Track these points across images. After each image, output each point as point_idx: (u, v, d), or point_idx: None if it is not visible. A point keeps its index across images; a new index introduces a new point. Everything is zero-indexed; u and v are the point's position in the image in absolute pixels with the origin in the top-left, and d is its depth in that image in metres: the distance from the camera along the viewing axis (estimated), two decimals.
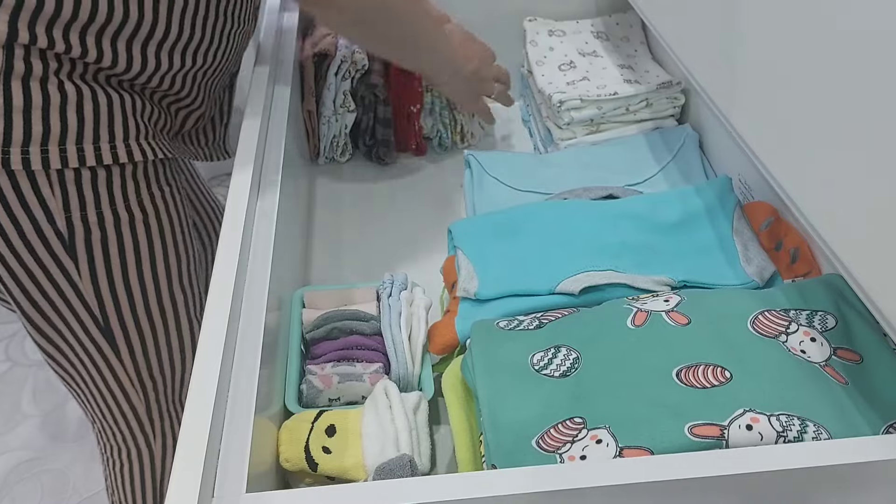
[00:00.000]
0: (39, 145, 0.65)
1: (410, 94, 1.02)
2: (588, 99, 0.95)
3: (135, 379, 0.80)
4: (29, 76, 0.64)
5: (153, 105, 0.75)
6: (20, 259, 0.70)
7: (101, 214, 0.71)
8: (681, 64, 0.74)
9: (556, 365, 0.58)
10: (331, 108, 1.00)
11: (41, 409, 1.59)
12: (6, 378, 1.66)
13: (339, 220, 0.96)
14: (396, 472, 0.54)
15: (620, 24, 1.11)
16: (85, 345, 0.77)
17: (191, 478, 0.44)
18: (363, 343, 0.68)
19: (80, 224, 0.70)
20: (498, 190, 0.91)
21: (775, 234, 0.73)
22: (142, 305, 0.77)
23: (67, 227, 0.70)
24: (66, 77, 0.66)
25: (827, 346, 0.56)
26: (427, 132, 1.06)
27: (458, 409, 0.61)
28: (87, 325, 0.75)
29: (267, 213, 0.69)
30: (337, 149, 1.04)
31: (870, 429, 0.51)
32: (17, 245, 0.69)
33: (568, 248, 0.71)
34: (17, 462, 1.49)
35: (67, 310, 0.74)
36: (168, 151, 0.77)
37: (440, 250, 0.82)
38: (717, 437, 0.49)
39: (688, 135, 0.95)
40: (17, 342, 1.74)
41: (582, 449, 0.51)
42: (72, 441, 1.52)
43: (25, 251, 0.69)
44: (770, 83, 0.56)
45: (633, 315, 0.59)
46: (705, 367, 0.54)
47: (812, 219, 0.52)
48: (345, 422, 0.60)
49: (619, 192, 0.81)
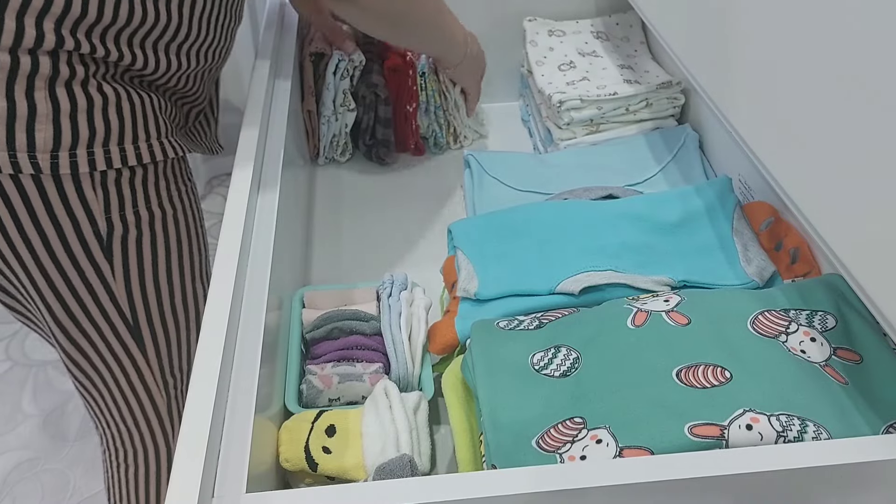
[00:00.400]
0: (86, 147, 0.66)
1: (406, 93, 1.02)
2: (588, 99, 0.95)
3: (158, 377, 0.81)
4: (72, 81, 0.65)
5: (169, 103, 0.77)
6: (58, 262, 0.70)
7: (137, 213, 0.72)
8: (681, 64, 0.74)
9: (556, 365, 0.58)
10: (330, 107, 1.00)
11: (42, 408, 1.59)
12: (7, 378, 1.66)
13: (339, 219, 0.96)
14: (396, 472, 0.54)
15: (620, 25, 1.11)
16: (113, 346, 0.77)
17: (191, 478, 0.44)
18: (363, 343, 0.68)
19: (119, 224, 0.71)
20: (498, 190, 0.91)
21: (775, 235, 0.73)
22: (168, 302, 0.78)
23: (107, 228, 0.71)
24: (102, 79, 0.68)
25: (827, 346, 0.57)
26: (423, 132, 1.06)
27: (458, 409, 0.61)
28: (116, 325, 0.76)
29: (267, 213, 0.69)
30: (337, 148, 1.04)
31: (869, 429, 0.51)
32: (56, 248, 0.69)
33: (568, 248, 0.71)
34: (18, 462, 1.49)
35: (99, 312, 0.74)
36: (186, 147, 0.79)
37: (440, 250, 0.82)
38: (717, 437, 0.49)
39: (688, 135, 0.95)
40: (17, 342, 1.74)
41: (582, 449, 0.51)
42: (72, 441, 1.52)
43: (64, 254, 0.70)
44: (770, 83, 0.56)
45: (633, 315, 0.59)
46: (705, 367, 0.54)
47: (812, 219, 0.52)
48: (345, 422, 0.60)
49: (619, 192, 0.81)
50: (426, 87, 1.02)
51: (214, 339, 0.53)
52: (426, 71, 1.01)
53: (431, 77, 1.02)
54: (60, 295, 0.72)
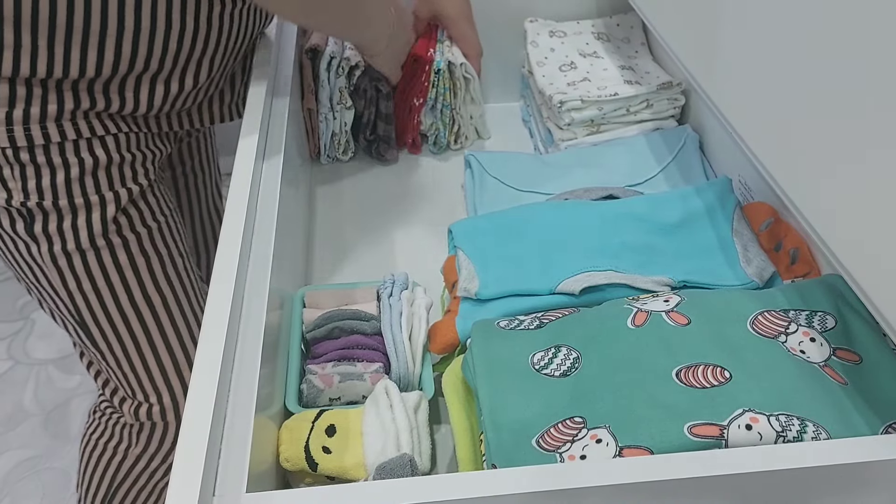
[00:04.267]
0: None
1: (416, 87, 1.01)
2: (589, 100, 0.95)
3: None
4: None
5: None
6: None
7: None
8: (681, 64, 0.74)
9: (556, 364, 0.58)
10: (327, 105, 0.99)
11: (42, 407, 1.59)
12: (8, 377, 1.66)
13: (339, 219, 0.96)
14: (397, 471, 0.54)
15: (621, 25, 1.11)
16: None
17: (191, 477, 0.44)
18: (364, 342, 0.68)
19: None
20: (498, 190, 0.91)
21: (775, 235, 0.73)
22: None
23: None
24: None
25: (826, 346, 0.57)
26: (425, 129, 1.06)
27: (458, 409, 0.61)
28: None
29: (267, 213, 0.69)
30: (338, 147, 1.03)
31: (869, 429, 0.51)
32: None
33: (568, 249, 0.71)
34: (19, 461, 1.49)
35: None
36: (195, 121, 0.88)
37: (440, 250, 0.83)
38: (716, 436, 0.49)
39: (688, 135, 0.95)
40: (18, 341, 1.74)
41: (582, 448, 0.51)
42: (73, 440, 1.52)
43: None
44: (770, 84, 0.57)
45: (633, 315, 0.59)
46: (705, 367, 0.54)
47: (812, 219, 0.52)
48: (345, 421, 0.60)
49: (619, 192, 0.82)
50: (437, 85, 1.02)
51: (215, 339, 0.53)
52: (441, 68, 1.01)
53: (445, 75, 1.01)
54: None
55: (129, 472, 0.90)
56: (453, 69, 1.01)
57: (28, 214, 0.74)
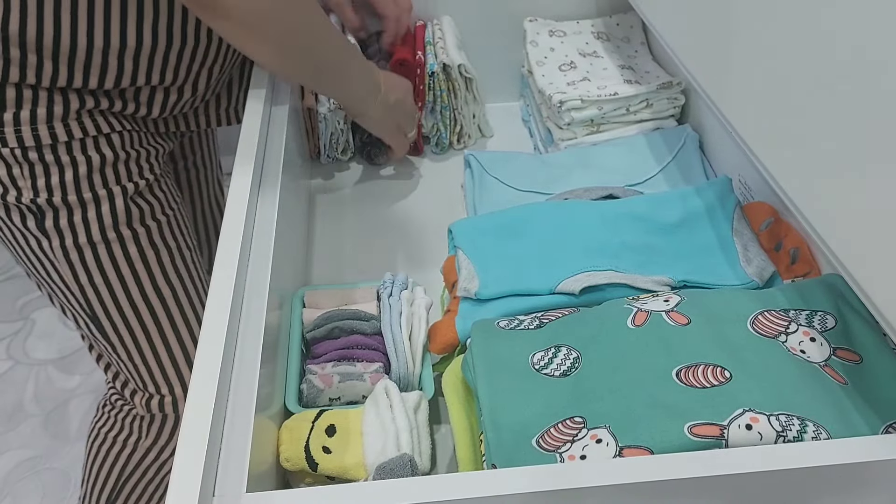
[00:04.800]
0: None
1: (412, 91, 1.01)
2: (588, 99, 0.95)
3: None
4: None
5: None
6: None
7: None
8: (681, 64, 0.74)
9: (556, 364, 0.58)
10: (325, 104, 1.00)
11: (43, 407, 1.59)
12: (8, 377, 1.66)
13: (339, 219, 0.96)
14: (397, 471, 0.54)
15: (621, 25, 1.11)
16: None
17: (191, 477, 0.44)
18: (364, 342, 0.68)
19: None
20: (498, 190, 0.91)
21: (775, 235, 0.73)
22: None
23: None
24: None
25: (826, 346, 0.57)
26: (426, 131, 1.06)
27: (458, 409, 0.61)
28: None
29: (267, 213, 0.69)
30: (338, 147, 1.04)
31: (869, 429, 0.51)
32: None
33: (568, 248, 0.71)
34: (19, 461, 1.49)
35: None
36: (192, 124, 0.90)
37: (440, 250, 0.82)
38: (716, 436, 0.49)
39: (688, 135, 0.95)
40: (18, 341, 1.74)
41: (582, 448, 0.51)
42: (73, 440, 1.52)
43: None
44: (770, 84, 0.57)
45: (633, 315, 0.59)
46: (705, 366, 0.54)
47: (812, 219, 0.52)
48: (345, 421, 0.60)
49: (619, 192, 0.82)
50: (434, 87, 1.02)
51: (215, 339, 0.53)
52: (436, 70, 1.01)
53: (441, 77, 1.01)
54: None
55: (139, 465, 0.90)
56: (449, 70, 1.01)
57: (38, 211, 0.75)
